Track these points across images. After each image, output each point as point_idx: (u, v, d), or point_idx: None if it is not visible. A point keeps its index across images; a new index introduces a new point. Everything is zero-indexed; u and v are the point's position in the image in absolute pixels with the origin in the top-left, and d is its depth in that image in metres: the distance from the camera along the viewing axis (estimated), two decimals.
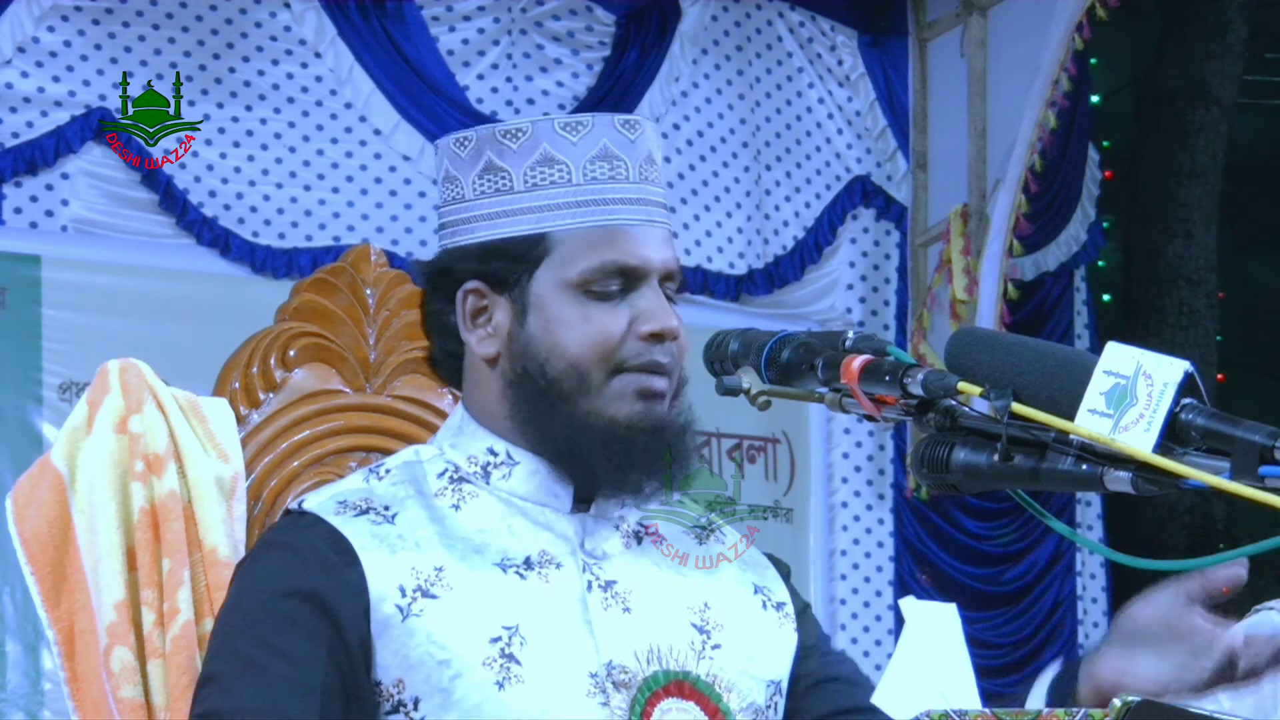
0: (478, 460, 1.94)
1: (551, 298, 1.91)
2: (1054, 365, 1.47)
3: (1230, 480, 1.34)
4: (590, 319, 1.89)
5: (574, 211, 1.91)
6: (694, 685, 1.88)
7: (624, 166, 1.93)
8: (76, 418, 2.03)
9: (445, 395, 2.25)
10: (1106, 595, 7.38)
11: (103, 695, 1.96)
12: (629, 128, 1.94)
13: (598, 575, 1.90)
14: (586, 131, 1.92)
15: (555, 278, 1.91)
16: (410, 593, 1.83)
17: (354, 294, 2.26)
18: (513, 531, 1.90)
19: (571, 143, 1.92)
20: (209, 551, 2.02)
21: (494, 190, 1.93)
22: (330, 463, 2.20)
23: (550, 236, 1.91)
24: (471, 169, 1.95)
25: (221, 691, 1.81)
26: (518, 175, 1.92)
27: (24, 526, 2.00)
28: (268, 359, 2.19)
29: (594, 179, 1.92)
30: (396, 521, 1.88)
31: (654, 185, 1.95)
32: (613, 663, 1.85)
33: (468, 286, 1.94)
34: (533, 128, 1.93)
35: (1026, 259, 6.97)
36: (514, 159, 1.93)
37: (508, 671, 1.81)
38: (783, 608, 2.00)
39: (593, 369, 1.88)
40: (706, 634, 1.91)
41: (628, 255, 1.90)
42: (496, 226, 1.93)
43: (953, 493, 1.52)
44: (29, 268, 5.64)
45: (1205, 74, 7.80)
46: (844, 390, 1.62)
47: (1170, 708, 1.38)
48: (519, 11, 6.35)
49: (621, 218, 1.91)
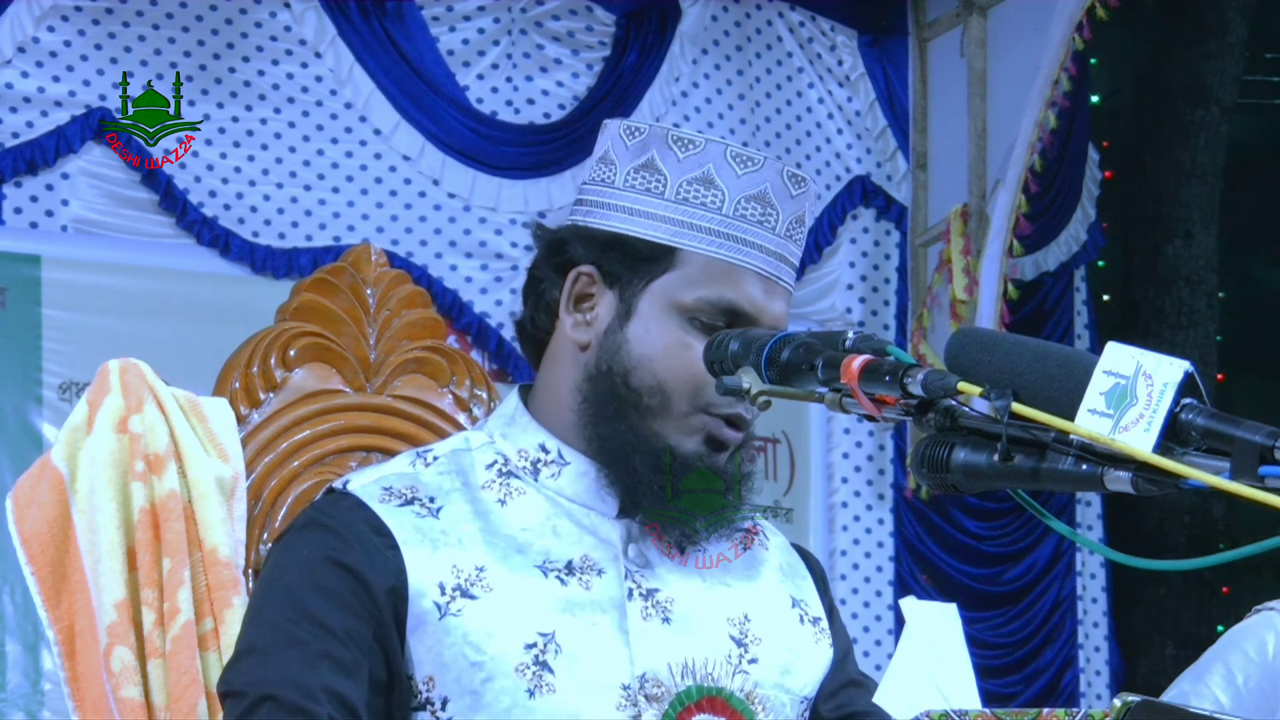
0: (528, 455, 1.93)
1: (658, 312, 1.90)
2: (1054, 365, 1.47)
3: (1230, 480, 1.34)
4: (689, 349, 1.88)
5: (713, 239, 1.90)
6: (727, 701, 1.87)
7: (775, 217, 1.92)
8: (77, 417, 2.03)
9: (446, 395, 2.25)
10: (1106, 595, 7.38)
11: (103, 695, 1.96)
12: (795, 183, 1.93)
13: (639, 583, 1.88)
14: (754, 169, 1.91)
15: (669, 295, 1.90)
16: (450, 591, 1.82)
17: (354, 294, 2.26)
18: (557, 533, 1.89)
19: (736, 174, 1.91)
20: (209, 551, 2.02)
21: (644, 189, 1.92)
22: (330, 462, 2.20)
23: (680, 254, 1.90)
24: (631, 160, 1.93)
25: (261, 663, 1.79)
26: (672, 184, 1.91)
27: (24, 526, 2.00)
28: (268, 359, 2.19)
29: (743, 217, 1.91)
30: (441, 516, 1.87)
31: (795, 245, 1.95)
32: (646, 675, 1.84)
33: (582, 269, 1.93)
34: (706, 145, 1.92)
35: (1026, 259, 6.97)
36: (675, 167, 1.91)
37: (540, 679, 1.81)
38: (819, 623, 2.00)
39: (678, 398, 1.88)
40: (744, 647, 1.90)
41: (745, 300, 1.89)
42: (633, 223, 1.92)
43: (953, 493, 1.52)
44: (29, 268, 5.64)
45: (1205, 74, 7.80)
46: (844, 390, 1.61)
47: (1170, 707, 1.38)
48: (519, 11, 6.35)
49: (754, 264, 1.90)
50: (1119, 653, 7.42)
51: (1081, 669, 7.24)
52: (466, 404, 2.26)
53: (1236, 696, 2.75)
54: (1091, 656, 7.30)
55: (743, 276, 1.90)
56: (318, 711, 1.75)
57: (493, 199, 6.24)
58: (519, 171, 6.26)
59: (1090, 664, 7.29)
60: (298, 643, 1.79)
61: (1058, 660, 7.14)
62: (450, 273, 6.19)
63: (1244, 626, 2.84)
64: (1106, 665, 7.34)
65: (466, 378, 2.27)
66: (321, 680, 1.77)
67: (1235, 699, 2.75)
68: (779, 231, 1.92)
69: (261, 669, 1.79)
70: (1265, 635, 2.79)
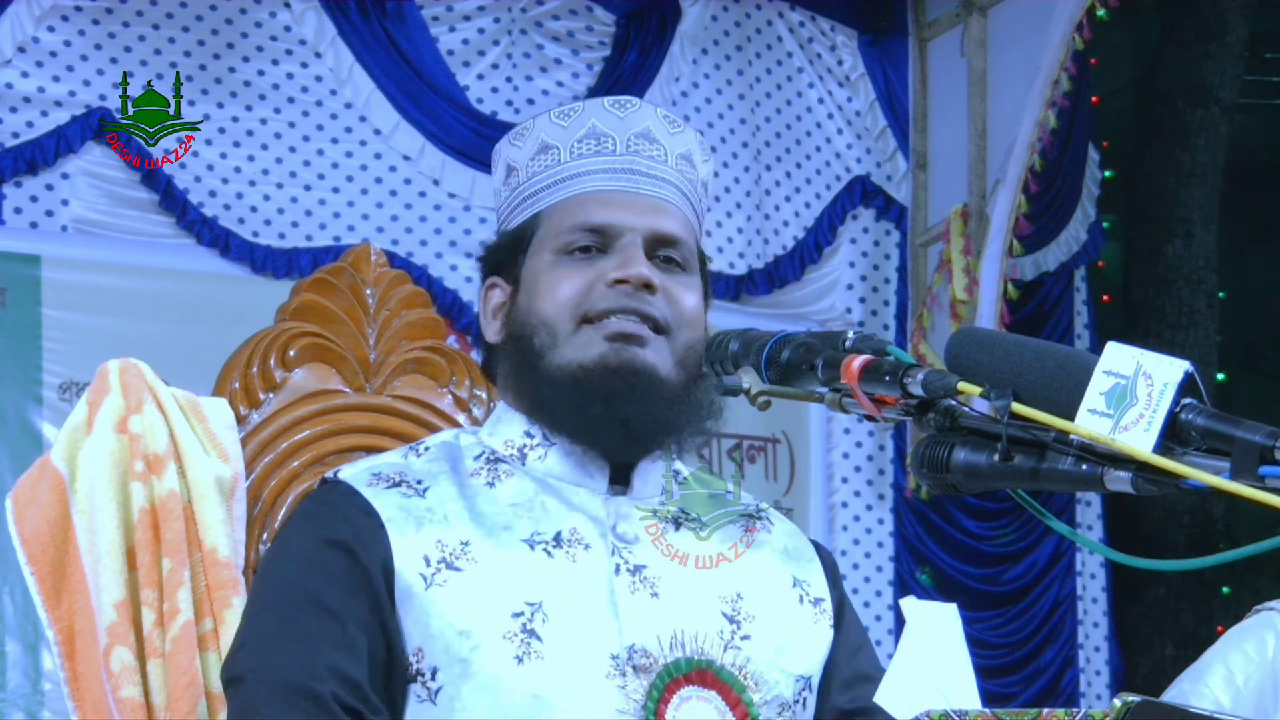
0: (514, 444, 1.95)
1: (537, 268, 1.95)
2: (1054, 365, 1.47)
3: (1230, 480, 1.34)
4: (561, 279, 1.93)
5: (558, 188, 1.97)
6: (717, 674, 1.86)
7: (611, 142, 1.97)
8: (76, 418, 2.03)
9: (445, 395, 2.25)
10: (1106, 595, 7.38)
11: (103, 695, 1.96)
12: (618, 106, 2.00)
13: (626, 559, 1.89)
14: (576, 115, 1.99)
15: (540, 252, 1.96)
16: (434, 563, 1.83)
17: (354, 294, 2.26)
18: (545, 509, 1.90)
19: (563, 128, 1.98)
20: (209, 551, 2.02)
21: (512, 187, 2.01)
22: (330, 463, 2.19)
23: (540, 215, 1.97)
24: (500, 175, 2.04)
25: (264, 647, 1.81)
26: (523, 168, 1.99)
27: (24, 526, 2.00)
28: (268, 359, 2.19)
29: (580, 155, 1.97)
30: (427, 495, 1.89)
31: (647, 158, 1.98)
32: (635, 646, 1.83)
33: (488, 283, 2.02)
34: (534, 122, 2.00)
35: (1026, 259, 6.97)
36: (519, 153, 2.00)
37: (528, 646, 1.81)
38: (820, 603, 1.99)
39: (561, 322, 1.91)
40: (737, 624, 1.90)
41: (598, 216, 1.94)
42: (510, 220, 2.01)
43: (953, 493, 1.52)
44: (29, 268, 5.64)
45: (1205, 74, 7.80)
46: (844, 390, 1.61)
47: (1170, 707, 1.38)
48: (519, 11, 6.35)
49: (594, 186, 1.96)
50: (1119, 653, 7.42)
51: (1081, 669, 7.24)
52: (466, 404, 2.26)
53: (1236, 696, 2.75)
54: (1091, 656, 7.30)
55: (591, 199, 1.95)
56: (321, 689, 1.76)
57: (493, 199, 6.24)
58: None
59: (1090, 664, 7.29)
60: (298, 625, 1.80)
61: (1058, 660, 7.13)
62: (450, 273, 6.19)
63: (1244, 626, 2.84)
64: (1106, 665, 7.34)
65: (466, 378, 2.27)
66: (324, 659, 1.78)
67: (1235, 699, 2.75)
68: (619, 151, 1.97)
69: (264, 653, 1.80)
70: (1265, 635, 2.79)
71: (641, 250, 1.93)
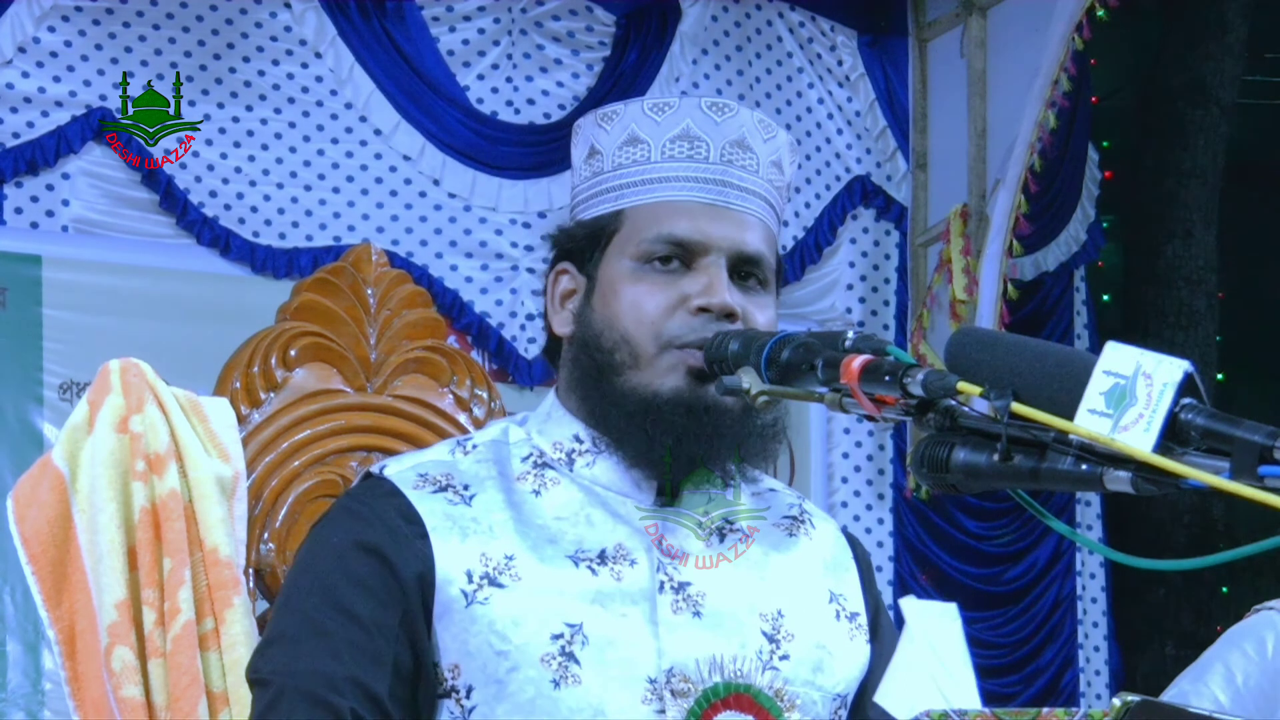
0: (563, 447, 1.93)
1: (616, 274, 1.91)
2: (1054, 365, 1.47)
3: (1230, 480, 1.34)
4: (646, 294, 1.88)
5: (645, 189, 1.91)
6: (755, 698, 1.85)
7: (705, 147, 1.92)
8: (77, 417, 2.03)
9: (446, 395, 2.26)
10: (1106, 595, 7.38)
11: (103, 695, 1.96)
12: (715, 110, 1.94)
13: (671, 576, 1.86)
14: (671, 112, 1.93)
15: (620, 254, 1.91)
16: (477, 579, 1.82)
17: (355, 294, 2.26)
18: (590, 522, 1.88)
19: (656, 123, 1.93)
20: (210, 551, 2.02)
21: (593, 173, 1.96)
22: (331, 462, 2.20)
23: (623, 214, 1.92)
24: (582, 154, 1.98)
25: (288, 652, 1.80)
26: (608, 156, 1.94)
27: (25, 526, 2.00)
28: (268, 358, 2.19)
29: (671, 157, 1.92)
30: (473, 504, 1.87)
31: (739, 168, 1.93)
32: (674, 669, 1.82)
33: (557, 268, 1.96)
34: (625, 109, 1.95)
35: (1026, 259, 6.97)
36: (607, 141, 1.95)
37: (565, 670, 1.80)
38: (856, 618, 1.97)
39: (644, 343, 1.87)
40: (776, 643, 1.88)
41: (685, 230, 1.89)
42: (590, 208, 1.95)
43: (953, 493, 1.52)
44: (29, 268, 5.64)
45: (1205, 74, 7.79)
46: (844, 390, 1.62)
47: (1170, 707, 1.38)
48: (519, 11, 6.35)
49: (687, 195, 1.90)
50: (1119, 653, 7.42)
51: (1081, 669, 7.24)
52: (467, 404, 2.26)
53: (1236, 696, 2.75)
54: (1091, 656, 7.30)
55: (678, 209, 1.90)
56: (340, 704, 1.76)
57: (493, 199, 6.24)
58: (519, 171, 6.26)
59: (1090, 664, 7.29)
60: (324, 632, 1.79)
61: (1058, 660, 7.14)
62: (450, 273, 6.19)
63: (1244, 626, 2.84)
64: (1106, 665, 7.34)
65: (467, 377, 2.27)
66: (346, 671, 1.77)
67: (1235, 698, 2.75)
68: (712, 159, 1.92)
69: (288, 658, 1.80)
70: (1265, 635, 2.79)
71: (725, 272, 1.88)
